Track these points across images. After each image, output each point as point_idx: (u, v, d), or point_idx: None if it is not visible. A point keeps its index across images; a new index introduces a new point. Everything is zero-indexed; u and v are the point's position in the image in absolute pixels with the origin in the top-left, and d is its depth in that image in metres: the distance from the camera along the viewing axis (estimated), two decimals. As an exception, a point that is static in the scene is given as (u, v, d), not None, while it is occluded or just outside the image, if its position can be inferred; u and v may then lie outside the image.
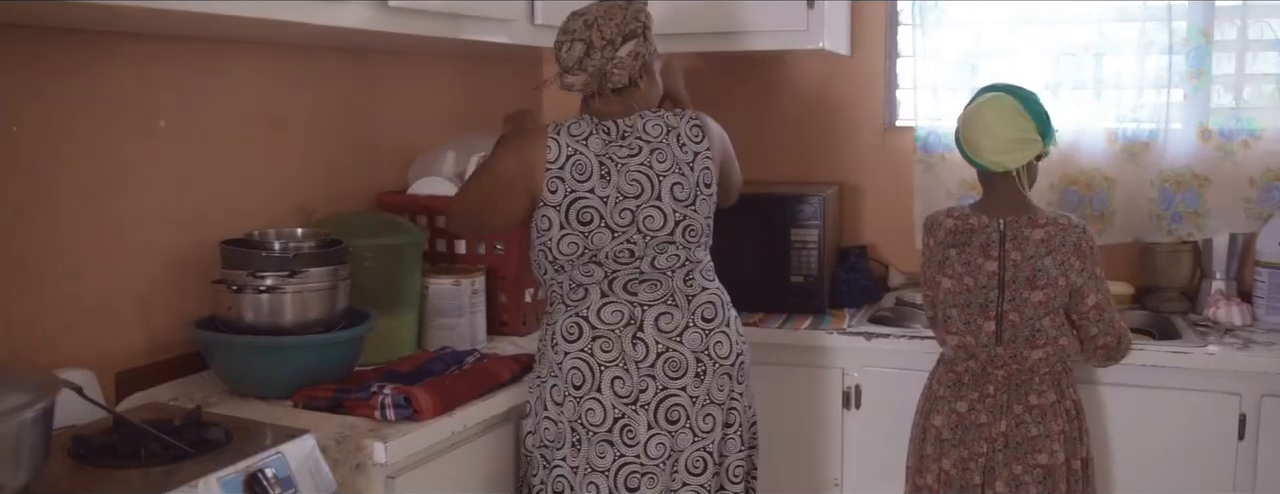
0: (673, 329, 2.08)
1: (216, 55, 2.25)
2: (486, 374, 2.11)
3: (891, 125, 3.22)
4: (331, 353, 2.05)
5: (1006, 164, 2.25)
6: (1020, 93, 2.28)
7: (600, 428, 2.06)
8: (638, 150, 2.08)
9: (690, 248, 2.10)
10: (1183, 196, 2.90)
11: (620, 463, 2.06)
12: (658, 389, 2.07)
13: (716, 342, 2.09)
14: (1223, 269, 2.89)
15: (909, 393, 2.58)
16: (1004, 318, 2.24)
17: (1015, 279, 2.23)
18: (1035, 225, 2.25)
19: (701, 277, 2.13)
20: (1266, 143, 2.83)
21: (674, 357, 2.07)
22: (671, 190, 2.07)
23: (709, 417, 2.09)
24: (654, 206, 2.07)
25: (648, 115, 2.11)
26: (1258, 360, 2.44)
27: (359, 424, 1.87)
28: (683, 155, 2.08)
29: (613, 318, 2.07)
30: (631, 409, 2.06)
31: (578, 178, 2.06)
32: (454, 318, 2.42)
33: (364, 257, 2.26)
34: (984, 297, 2.25)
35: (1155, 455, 2.51)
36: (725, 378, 2.10)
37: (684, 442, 2.08)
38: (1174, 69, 2.86)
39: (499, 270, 2.55)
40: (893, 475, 2.65)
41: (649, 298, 2.09)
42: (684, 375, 2.07)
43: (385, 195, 2.66)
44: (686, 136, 2.10)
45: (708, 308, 2.11)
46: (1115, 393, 2.51)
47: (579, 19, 2.08)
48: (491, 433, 2.12)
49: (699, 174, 2.09)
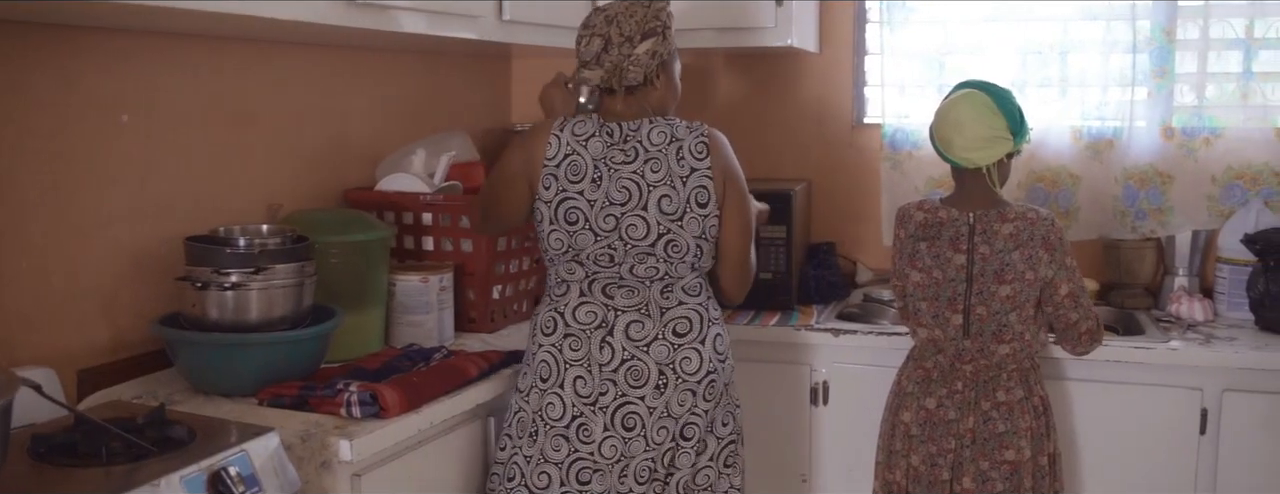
0: (642, 338, 2.08)
1: (182, 50, 2.23)
2: (454, 371, 2.10)
3: (859, 122, 3.24)
4: (297, 350, 2.04)
5: (977, 161, 2.27)
6: (994, 90, 2.29)
7: (558, 423, 2.09)
8: (634, 157, 2.07)
9: (671, 263, 2.08)
10: (1146, 194, 2.93)
11: (574, 458, 2.08)
12: (617, 395, 2.08)
13: (685, 357, 2.08)
14: (1185, 265, 2.93)
15: (877, 389, 2.59)
16: (971, 311, 2.26)
17: (983, 273, 2.25)
18: (1004, 219, 2.26)
19: (682, 292, 2.10)
20: (1227, 141, 2.87)
21: (637, 366, 2.07)
22: (659, 203, 2.05)
23: (663, 429, 2.08)
24: (638, 216, 2.06)
25: (657, 122, 2.09)
26: (1219, 355, 2.47)
27: (324, 422, 1.86)
28: (679, 169, 2.05)
29: (586, 318, 2.09)
30: (590, 409, 2.08)
31: (571, 178, 2.07)
32: (421, 315, 2.41)
33: (331, 253, 2.25)
34: (952, 290, 2.27)
35: (1120, 450, 2.53)
36: (688, 394, 2.08)
37: (636, 449, 2.08)
38: (1138, 67, 2.89)
39: (467, 267, 2.54)
40: (861, 471, 2.67)
41: (624, 304, 2.09)
42: (644, 385, 2.07)
43: (353, 192, 2.64)
44: (689, 151, 2.06)
45: (682, 322, 2.09)
46: (1081, 388, 2.54)
47: (601, 14, 2.09)
48: (459, 430, 2.11)
49: (691, 191, 2.05)
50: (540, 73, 3.42)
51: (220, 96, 2.33)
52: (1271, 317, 2.61)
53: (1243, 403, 2.46)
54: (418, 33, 2.32)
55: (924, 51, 3.04)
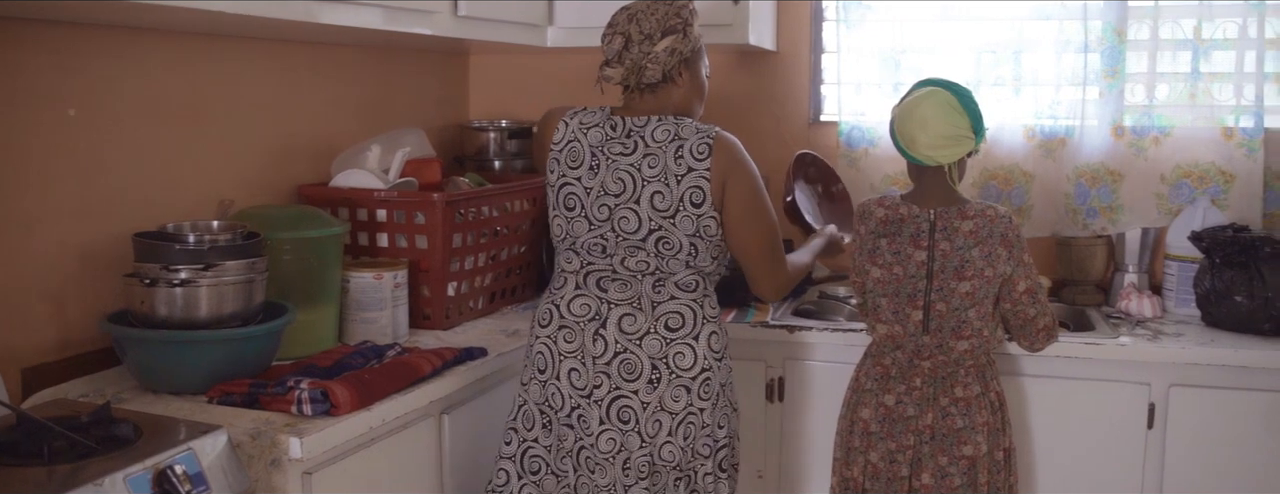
0: (634, 332, 2.08)
1: (131, 43, 2.20)
2: (407, 368, 2.09)
3: (816, 120, 3.25)
4: (247, 347, 2.02)
5: (939, 159, 2.28)
6: (957, 89, 2.30)
7: (561, 413, 2.12)
8: (632, 150, 2.09)
9: (663, 259, 2.09)
10: (1097, 192, 2.97)
11: (580, 446, 2.11)
12: (611, 388, 2.09)
13: (678, 352, 2.08)
14: (1135, 262, 2.97)
15: (832, 385, 2.61)
16: (931, 308, 2.27)
17: (943, 269, 2.27)
18: (964, 217, 2.28)
19: (675, 287, 2.11)
20: (1176, 140, 2.91)
21: (629, 359, 2.08)
22: (651, 199, 2.06)
23: (657, 422, 2.08)
24: (631, 209, 2.07)
25: (665, 120, 2.10)
26: (1166, 351, 2.51)
27: (275, 419, 1.85)
28: (676, 167, 2.06)
29: (581, 311, 2.11)
30: (586, 402, 2.10)
31: (570, 164, 2.12)
32: (375, 312, 2.40)
33: (283, 250, 2.23)
34: (912, 286, 2.28)
35: (1070, 444, 2.56)
36: (682, 390, 2.08)
37: (633, 443, 2.09)
38: (1089, 67, 2.92)
39: (422, 264, 2.53)
40: (817, 467, 2.69)
41: (618, 297, 2.10)
42: (637, 379, 2.08)
43: (306, 188, 2.62)
44: (690, 151, 2.06)
45: (674, 317, 2.09)
46: (1033, 384, 2.57)
47: (624, 13, 2.11)
48: (413, 428, 2.10)
49: (686, 190, 2.05)
50: (498, 69, 3.42)
51: (171, 91, 2.30)
52: (1217, 313, 2.65)
53: (1189, 398, 2.50)
54: (372, 28, 2.30)
55: (880, 50, 3.06)
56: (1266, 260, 2.59)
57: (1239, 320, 2.61)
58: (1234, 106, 2.86)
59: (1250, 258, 2.60)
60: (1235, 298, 2.60)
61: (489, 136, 3.22)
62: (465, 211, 2.59)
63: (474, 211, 2.63)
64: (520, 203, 2.83)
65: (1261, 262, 2.59)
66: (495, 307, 2.79)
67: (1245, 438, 2.48)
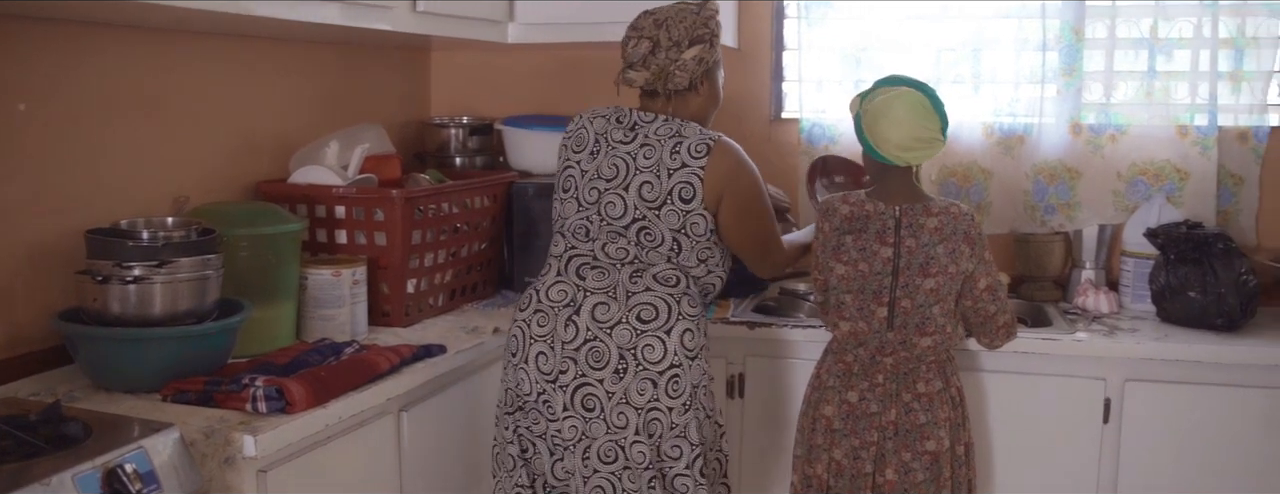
0: (607, 320, 2.09)
1: (85, 37, 2.17)
2: (364, 365, 2.08)
3: (777, 117, 3.26)
4: (202, 345, 2.00)
5: (911, 160, 2.28)
6: (928, 90, 2.30)
7: (529, 397, 2.15)
8: (631, 139, 2.14)
9: (643, 249, 2.11)
10: (1055, 189, 2.99)
11: (552, 430, 2.13)
12: (577, 374, 2.10)
13: (648, 344, 2.08)
14: (1092, 259, 2.99)
15: (792, 381, 2.62)
16: (896, 304, 2.28)
17: (909, 266, 2.27)
18: (929, 213, 2.29)
19: (652, 279, 2.11)
20: (1132, 138, 2.94)
21: (598, 347, 2.09)
22: (640, 187, 2.09)
23: (622, 415, 2.08)
24: (619, 194, 2.11)
25: (672, 121, 2.15)
26: (1121, 346, 2.53)
27: (229, 417, 1.83)
28: (670, 161, 2.09)
29: (557, 297, 2.14)
30: (551, 387, 2.12)
31: (574, 148, 2.21)
32: (334, 309, 2.38)
33: (240, 246, 2.22)
34: (878, 283, 2.28)
35: (1027, 438, 2.58)
36: (649, 383, 2.07)
37: (598, 431, 2.10)
38: (1047, 65, 2.95)
39: (381, 261, 2.52)
40: (777, 463, 2.70)
41: (594, 285, 2.12)
42: (603, 368, 2.08)
43: (265, 184, 2.60)
44: (688, 149, 2.10)
45: (647, 309, 2.10)
46: (990, 379, 2.58)
47: (650, 17, 2.15)
48: (371, 425, 2.09)
49: (676, 185, 2.09)
50: (460, 66, 3.41)
51: (125, 86, 2.28)
52: (1172, 308, 2.68)
53: (1143, 392, 2.53)
54: (331, 23, 2.29)
55: (841, 47, 3.07)
56: (1219, 257, 2.62)
57: (1193, 316, 2.64)
58: (1189, 105, 2.90)
59: (1204, 254, 2.64)
60: (1189, 294, 2.63)
61: (450, 133, 3.21)
62: (425, 208, 2.58)
63: (433, 208, 2.62)
64: (481, 199, 2.82)
65: (1214, 258, 2.62)
66: (456, 304, 2.78)
67: (1199, 432, 2.51)
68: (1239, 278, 2.60)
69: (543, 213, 2.88)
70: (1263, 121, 2.90)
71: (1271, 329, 2.64)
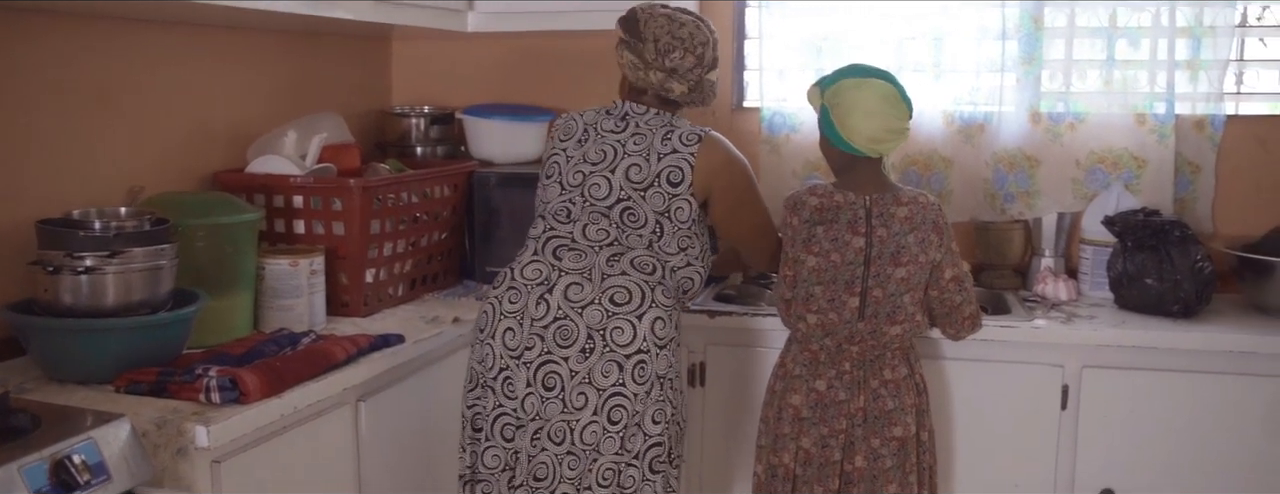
0: (579, 300, 2.10)
1: (37, 26, 2.14)
2: (320, 355, 2.07)
3: (738, 106, 3.26)
4: (156, 335, 1.98)
5: (881, 151, 2.28)
6: (895, 80, 2.30)
7: (488, 374, 2.16)
8: (622, 129, 2.19)
9: (624, 230, 2.13)
10: (1015, 177, 3.01)
11: (499, 412, 2.14)
12: (542, 351, 2.10)
13: (617, 327, 2.08)
14: (1051, 246, 3.02)
15: (753, 370, 2.63)
16: (868, 294, 2.28)
17: (881, 255, 2.27)
18: (899, 203, 2.29)
19: (629, 264, 2.13)
20: (1090, 126, 2.95)
21: (567, 326, 2.09)
22: (627, 170, 2.13)
23: (582, 395, 2.08)
24: (604, 176, 2.15)
25: (663, 115, 2.22)
26: (1079, 333, 2.55)
27: (182, 408, 1.82)
28: (660, 147, 2.15)
29: (532, 275, 2.15)
30: (516, 363, 2.13)
31: (561, 137, 2.26)
32: (291, 299, 2.37)
33: (196, 236, 2.20)
34: (850, 273, 2.27)
35: (986, 425, 2.60)
36: (614, 366, 2.07)
37: (552, 410, 2.10)
38: (1007, 54, 2.96)
39: (340, 250, 2.50)
40: (737, 451, 2.70)
41: (570, 266, 2.14)
42: (570, 346, 2.08)
43: (222, 174, 2.58)
44: (679, 137, 2.17)
45: (620, 292, 2.10)
46: (950, 366, 2.60)
47: (689, 30, 2.22)
48: (327, 415, 2.08)
49: (664, 169, 2.13)
50: (421, 55, 3.39)
51: (79, 75, 2.25)
52: (1129, 295, 2.71)
53: (1100, 379, 2.55)
54: (291, 12, 2.27)
55: (803, 36, 3.07)
56: (1176, 244, 2.65)
57: (1150, 303, 2.66)
58: (1147, 93, 2.92)
59: (1160, 242, 2.66)
60: (1146, 281, 2.66)
61: (411, 123, 3.19)
62: (384, 198, 2.57)
63: (392, 197, 2.60)
64: (441, 189, 2.80)
65: (1171, 245, 2.65)
66: (416, 294, 2.77)
67: (1155, 418, 2.53)
68: (1195, 265, 2.63)
69: (504, 202, 2.87)
70: (1219, 110, 2.92)
71: (1226, 316, 2.67)
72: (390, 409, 2.27)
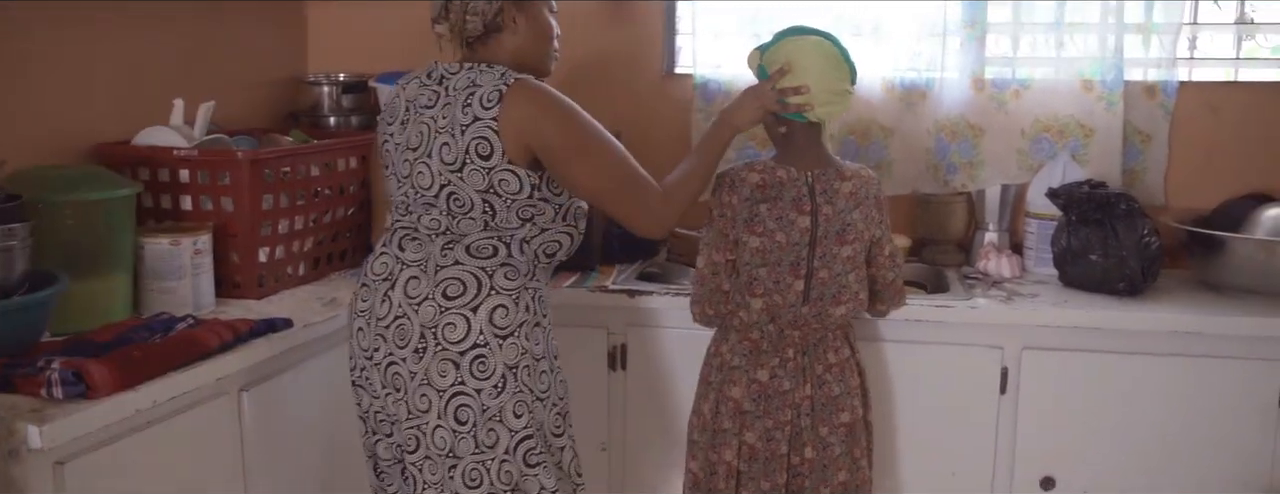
0: (417, 296, 1.93)
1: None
2: (190, 343, 1.91)
3: (670, 72, 3.10)
4: (5, 323, 1.82)
5: (824, 116, 2.12)
6: (835, 38, 2.14)
7: (354, 374, 2.07)
8: (434, 101, 1.96)
9: (455, 218, 1.93)
10: (958, 146, 2.86)
11: (372, 409, 2.04)
12: (387, 352, 1.96)
13: (449, 323, 1.90)
14: (995, 221, 2.88)
15: (676, 352, 2.50)
16: (814, 275, 2.12)
17: (826, 234, 2.12)
18: (842, 178, 2.14)
19: (464, 251, 1.93)
20: (1036, 93, 2.81)
21: (404, 325, 1.93)
22: (440, 151, 1.91)
23: (424, 397, 1.92)
24: (425, 164, 1.94)
25: (475, 68, 1.95)
26: (1019, 313, 2.42)
27: (20, 404, 1.65)
28: (462, 117, 1.89)
29: (380, 270, 2.00)
30: (369, 364, 2.01)
31: (388, 120, 2.05)
32: (174, 281, 2.20)
33: (64, 214, 2.04)
34: (795, 254, 2.12)
35: (924, 410, 2.48)
36: (450, 365, 1.89)
37: (401, 412, 1.96)
38: (949, 16, 2.81)
39: (230, 228, 2.34)
40: (663, 436, 2.57)
41: (411, 258, 1.96)
42: (406, 347, 1.93)
43: (105, 147, 2.40)
44: (479, 99, 1.89)
45: (453, 284, 1.91)
46: (888, 348, 2.48)
47: None
48: (204, 407, 1.93)
49: (470, 142, 1.88)
50: (338, 18, 3.21)
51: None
52: (1073, 272, 2.57)
53: (1041, 361, 2.42)
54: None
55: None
56: (1122, 218, 2.51)
57: (1094, 280, 2.53)
58: (1097, 58, 2.77)
59: (1106, 215, 2.52)
60: (1091, 256, 2.52)
61: (323, 91, 3.02)
62: (277, 171, 2.40)
63: (288, 171, 2.43)
64: (347, 161, 2.64)
65: (1117, 219, 2.51)
66: (320, 273, 2.61)
67: (1097, 402, 2.42)
68: (1141, 240, 2.49)
69: (416, 175, 2.71)
70: (1171, 76, 2.78)
71: (1173, 294, 2.54)
72: (278, 398, 2.12)
